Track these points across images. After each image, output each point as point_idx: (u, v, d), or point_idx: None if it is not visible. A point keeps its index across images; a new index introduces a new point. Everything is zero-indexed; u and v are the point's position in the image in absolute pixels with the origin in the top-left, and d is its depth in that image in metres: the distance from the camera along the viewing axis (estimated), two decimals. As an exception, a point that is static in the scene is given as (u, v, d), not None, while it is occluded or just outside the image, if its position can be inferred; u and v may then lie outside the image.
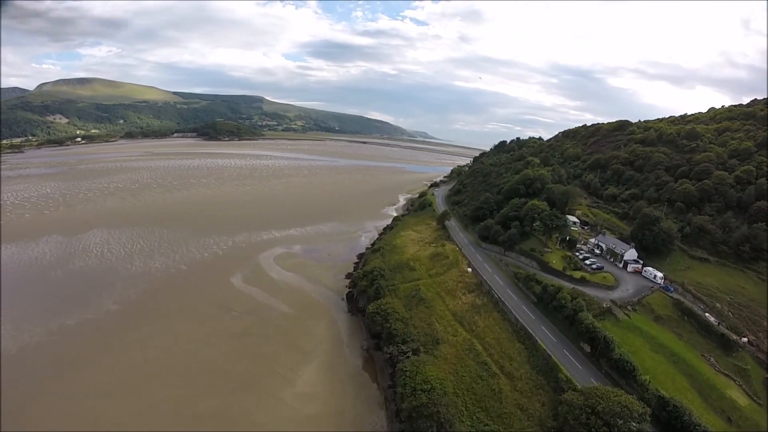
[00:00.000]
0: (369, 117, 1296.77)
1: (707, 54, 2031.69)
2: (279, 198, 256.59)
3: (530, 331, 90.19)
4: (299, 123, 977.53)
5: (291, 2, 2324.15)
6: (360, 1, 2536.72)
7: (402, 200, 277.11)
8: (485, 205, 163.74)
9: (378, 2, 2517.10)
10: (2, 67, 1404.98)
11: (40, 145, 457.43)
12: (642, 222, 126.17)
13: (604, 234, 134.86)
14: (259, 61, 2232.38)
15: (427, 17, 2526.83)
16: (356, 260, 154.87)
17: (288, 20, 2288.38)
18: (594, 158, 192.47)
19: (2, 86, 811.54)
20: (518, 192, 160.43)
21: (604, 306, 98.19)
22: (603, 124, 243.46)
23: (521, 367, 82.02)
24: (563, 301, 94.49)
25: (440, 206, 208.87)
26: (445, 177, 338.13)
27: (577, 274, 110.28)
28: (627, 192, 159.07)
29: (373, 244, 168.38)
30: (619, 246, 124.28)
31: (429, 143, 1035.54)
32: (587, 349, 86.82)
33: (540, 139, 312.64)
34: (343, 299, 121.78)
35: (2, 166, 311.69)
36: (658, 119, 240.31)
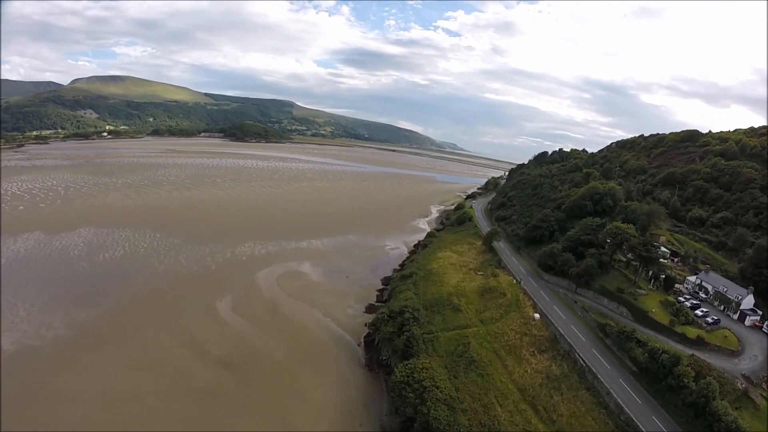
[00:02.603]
0: (398, 126, 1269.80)
1: (742, 71, 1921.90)
2: (297, 203, 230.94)
3: (641, 428, 58.15)
4: (328, 129, 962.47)
5: (324, 9, 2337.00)
6: (393, 10, 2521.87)
7: (434, 212, 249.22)
8: (543, 224, 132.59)
9: (411, 12, 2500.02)
10: (38, 62, 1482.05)
11: (65, 138, 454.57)
12: (758, 257, 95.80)
13: (707, 272, 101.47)
14: (290, 67, 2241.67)
15: (460, 28, 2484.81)
16: (380, 286, 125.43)
17: (320, 27, 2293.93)
18: (666, 172, 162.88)
19: (37, 80, 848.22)
20: (584, 209, 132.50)
21: (740, 387, 66.62)
22: (666, 134, 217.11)
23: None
24: (685, 380, 62.62)
25: (481, 221, 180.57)
26: (479, 188, 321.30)
27: (692, 332, 77.78)
28: (718, 215, 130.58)
29: (402, 266, 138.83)
30: (731, 289, 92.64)
31: (458, 154, 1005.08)
32: (724, 458, 56.11)
33: (584, 151, 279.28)
34: (359, 344, 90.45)
35: (20, 156, 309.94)
36: (731, 130, 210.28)
